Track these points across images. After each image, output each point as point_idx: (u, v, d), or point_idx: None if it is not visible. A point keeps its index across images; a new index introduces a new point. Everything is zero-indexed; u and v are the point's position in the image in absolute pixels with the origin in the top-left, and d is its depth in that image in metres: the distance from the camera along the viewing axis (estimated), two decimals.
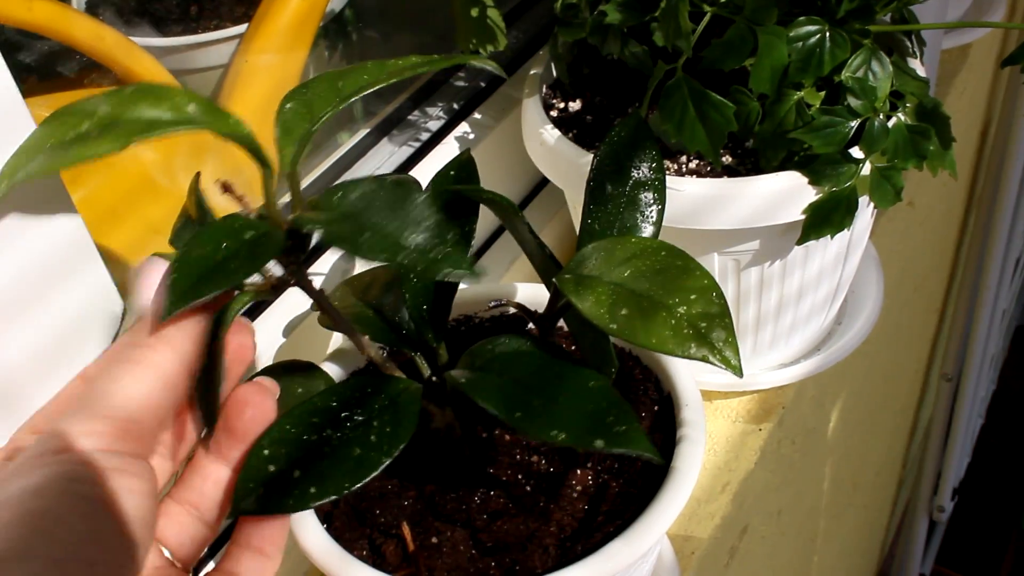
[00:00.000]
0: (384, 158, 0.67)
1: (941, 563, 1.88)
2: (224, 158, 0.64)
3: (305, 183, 0.67)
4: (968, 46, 0.94)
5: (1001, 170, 1.19)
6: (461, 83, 0.72)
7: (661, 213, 0.43)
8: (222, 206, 0.43)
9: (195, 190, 0.45)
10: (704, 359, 0.36)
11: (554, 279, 0.40)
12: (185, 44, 0.73)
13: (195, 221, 0.45)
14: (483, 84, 0.71)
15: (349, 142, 0.68)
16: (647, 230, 0.42)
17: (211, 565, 0.40)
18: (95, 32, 0.62)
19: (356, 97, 0.42)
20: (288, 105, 0.42)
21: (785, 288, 0.60)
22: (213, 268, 0.37)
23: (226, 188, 0.42)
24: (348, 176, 0.66)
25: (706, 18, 0.51)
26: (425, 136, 0.68)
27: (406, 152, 0.67)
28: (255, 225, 0.39)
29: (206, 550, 0.55)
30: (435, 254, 0.37)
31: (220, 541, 0.57)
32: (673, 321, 0.36)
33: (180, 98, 0.39)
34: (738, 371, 0.36)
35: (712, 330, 0.36)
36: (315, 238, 0.41)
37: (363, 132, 0.68)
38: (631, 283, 0.38)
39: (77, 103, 0.38)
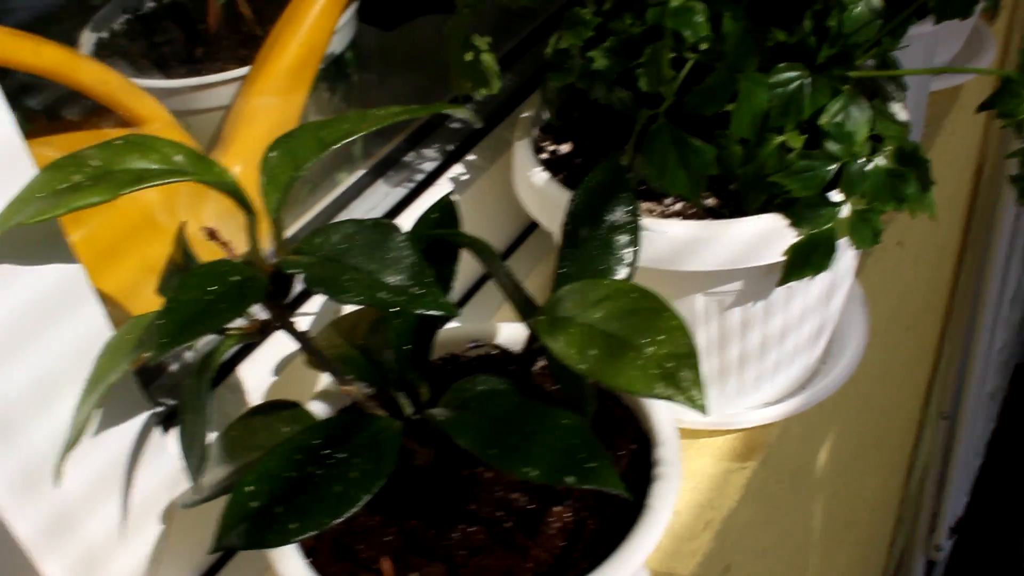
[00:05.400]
0: (379, 199, 0.68)
1: None
2: (224, 200, 0.66)
3: (302, 222, 0.68)
4: (959, 88, 0.95)
5: (995, 209, 1.20)
6: (456, 125, 0.73)
7: (636, 255, 0.44)
8: (212, 252, 0.44)
9: (180, 238, 0.47)
10: (670, 398, 0.37)
11: (529, 321, 0.41)
12: (188, 86, 0.75)
13: (181, 268, 0.47)
14: (477, 127, 0.73)
15: (346, 182, 0.70)
16: (621, 272, 0.44)
17: None
18: (100, 76, 0.64)
19: (338, 145, 0.44)
20: (273, 154, 0.43)
21: (768, 328, 0.61)
22: (202, 311, 0.39)
23: (212, 235, 0.43)
24: (343, 216, 0.68)
25: (688, 65, 0.53)
26: (420, 177, 0.69)
27: (400, 193, 0.69)
28: (240, 269, 0.41)
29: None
30: (412, 292, 0.39)
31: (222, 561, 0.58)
32: (640, 361, 0.37)
33: (168, 149, 0.41)
34: (703, 410, 0.37)
35: (679, 370, 0.37)
36: (299, 282, 0.42)
37: (360, 172, 0.70)
38: (602, 324, 0.39)
39: (70, 156, 0.39)
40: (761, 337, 0.62)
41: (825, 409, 0.79)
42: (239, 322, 0.45)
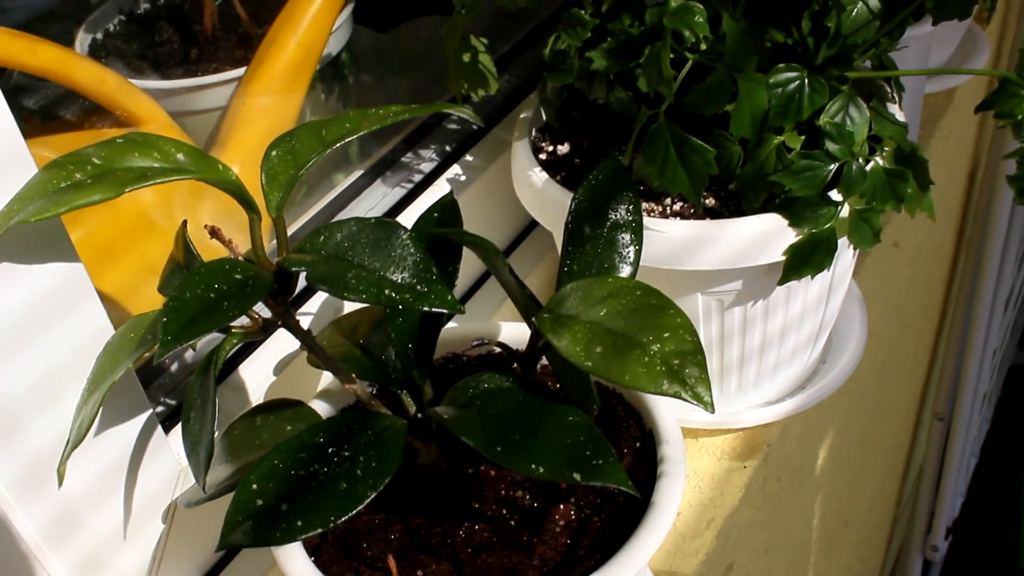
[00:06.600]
0: (377, 199, 0.68)
1: None
2: (221, 199, 0.66)
3: (300, 223, 0.68)
4: (953, 90, 0.96)
5: (989, 211, 1.21)
6: (454, 126, 0.73)
7: (638, 253, 0.44)
8: (212, 250, 0.44)
9: (182, 237, 0.47)
10: (676, 395, 0.37)
11: (533, 318, 0.41)
12: (185, 87, 0.75)
13: (183, 266, 0.47)
14: (475, 128, 0.73)
15: (343, 183, 0.70)
16: (625, 270, 0.44)
17: None
18: (97, 76, 0.64)
19: (338, 144, 0.44)
20: (274, 152, 0.43)
21: (768, 327, 0.61)
22: (206, 309, 0.39)
23: (214, 233, 0.43)
24: (341, 217, 0.68)
25: (687, 65, 0.53)
26: (418, 178, 0.69)
27: (399, 193, 0.69)
28: (244, 267, 0.41)
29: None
30: (417, 290, 0.38)
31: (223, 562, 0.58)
32: (647, 359, 0.37)
33: (169, 147, 0.41)
34: (709, 407, 0.37)
35: (685, 367, 0.37)
36: (302, 279, 0.42)
37: (357, 173, 0.70)
38: (607, 322, 0.39)
39: (70, 154, 0.39)
40: (761, 336, 0.62)
41: (824, 409, 0.80)
42: (242, 320, 0.45)
